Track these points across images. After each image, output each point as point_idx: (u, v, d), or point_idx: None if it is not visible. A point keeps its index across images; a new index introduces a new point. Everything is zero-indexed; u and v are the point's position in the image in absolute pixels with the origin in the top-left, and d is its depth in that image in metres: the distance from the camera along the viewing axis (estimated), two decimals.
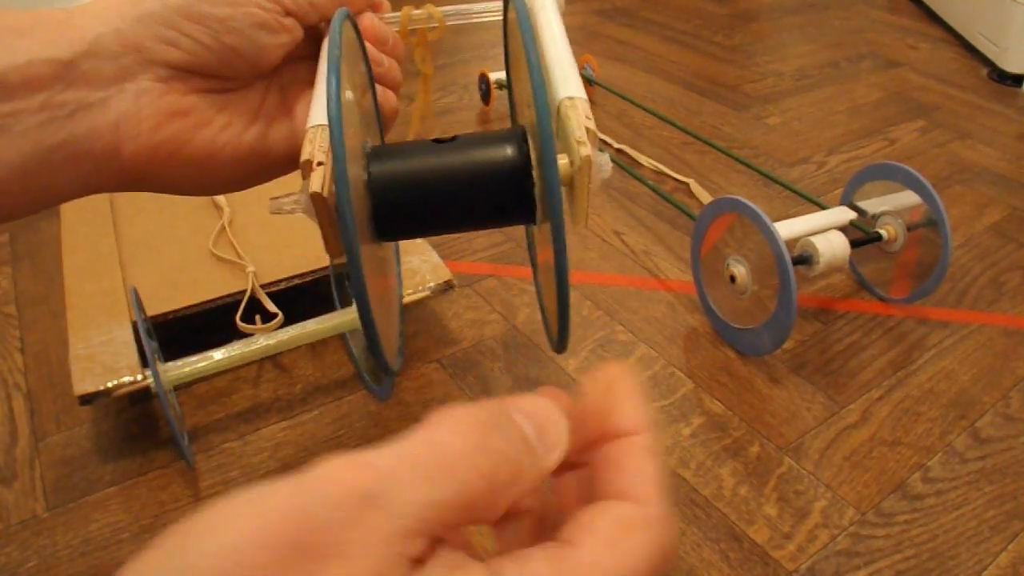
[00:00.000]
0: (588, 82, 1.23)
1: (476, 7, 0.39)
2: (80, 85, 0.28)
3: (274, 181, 0.35)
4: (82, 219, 0.77)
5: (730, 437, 0.62)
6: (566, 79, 0.28)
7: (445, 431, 0.17)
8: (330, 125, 0.23)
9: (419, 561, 0.16)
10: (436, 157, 0.28)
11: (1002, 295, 0.79)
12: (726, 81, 1.33)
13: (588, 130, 0.26)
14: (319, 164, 0.26)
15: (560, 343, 0.29)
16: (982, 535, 0.54)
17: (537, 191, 0.28)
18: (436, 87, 1.25)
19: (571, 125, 0.26)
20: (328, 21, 0.35)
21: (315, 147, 0.27)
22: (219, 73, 0.31)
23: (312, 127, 0.28)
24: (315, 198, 0.26)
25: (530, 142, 0.28)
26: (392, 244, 0.34)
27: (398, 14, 0.39)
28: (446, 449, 0.16)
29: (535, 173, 0.28)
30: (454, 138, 0.29)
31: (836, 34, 1.58)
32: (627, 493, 0.19)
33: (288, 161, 0.34)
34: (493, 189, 0.28)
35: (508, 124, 0.38)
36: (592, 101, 1.23)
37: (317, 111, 0.29)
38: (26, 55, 0.27)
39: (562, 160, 0.26)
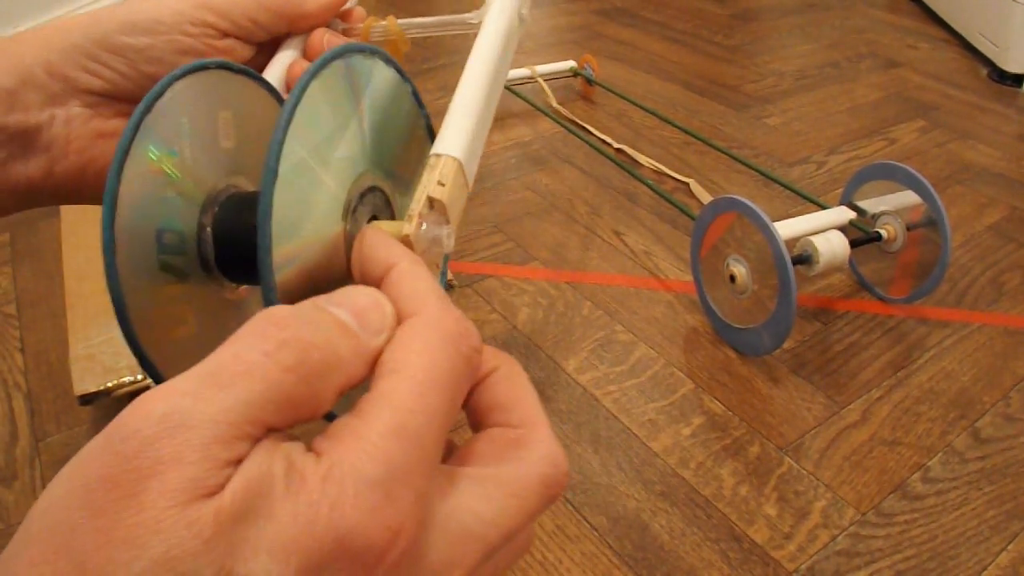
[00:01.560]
0: (588, 82, 1.23)
1: (446, 19, 0.38)
2: (18, 111, 0.30)
3: None
4: (82, 219, 0.77)
5: (730, 437, 0.62)
6: (447, 129, 0.26)
7: (245, 337, 0.17)
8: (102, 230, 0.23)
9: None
10: (240, 214, 0.27)
11: (1002, 295, 0.79)
12: (726, 81, 1.33)
13: (431, 199, 0.23)
14: None
15: None
16: (982, 535, 0.54)
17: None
18: (436, 87, 1.25)
19: (417, 191, 0.24)
20: (285, 36, 0.34)
21: None
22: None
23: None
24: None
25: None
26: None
27: (362, 25, 0.38)
28: (244, 355, 0.17)
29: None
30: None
31: (836, 34, 1.58)
32: (402, 313, 0.20)
33: None
34: (240, 253, 0.27)
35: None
36: (592, 101, 1.23)
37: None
38: None
39: (390, 226, 0.24)
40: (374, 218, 0.27)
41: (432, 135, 0.31)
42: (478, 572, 0.19)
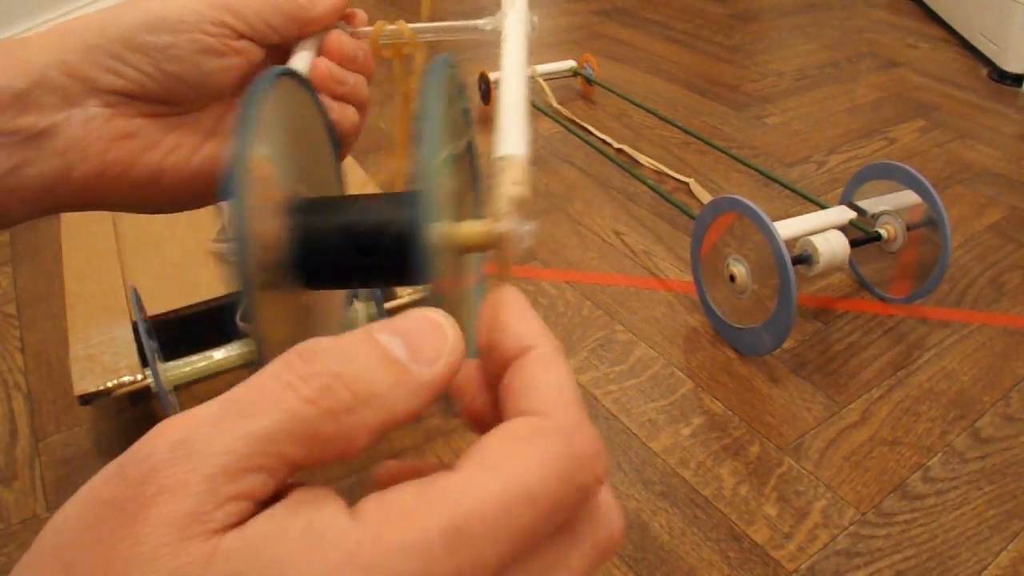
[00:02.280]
0: (588, 82, 1.23)
1: (455, 24, 0.39)
2: (31, 113, 0.29)
3: None
4: (82, 219, 0.77)
5: (730, 437, 0.62)
6: (508, 131, 0.26)
7: (274, 366, 0.16)
8: (236, 210, 0.23)
9: (265, 502, 0.15)
10: (343, 215, 0.27)
11: (1002, 295, 0.79)
12: (726, 81, 1.33)
13: (513, 198, 0.24)
14: None
15: None
16: (982, 535, 0.54)
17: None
18: None
19: (496, 192, 0.25)
20: (296, 40, 0.35)
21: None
22: (164, 99, 0.32)
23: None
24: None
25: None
26: (337, 292, 0.33)
27: (371, 28, 0.38)
28: (267, 383, 0.16)
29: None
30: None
31: (836, 34, 1.58)
32: (526, 410, 0.17)
33: None
34: (386, 251, 0.27)
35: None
36: (592, 101, 1.23)
37: None
38: None
39: (476, 227, 0.25)
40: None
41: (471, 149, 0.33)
42: None
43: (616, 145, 1.07)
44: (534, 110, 1.13)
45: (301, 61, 0.34)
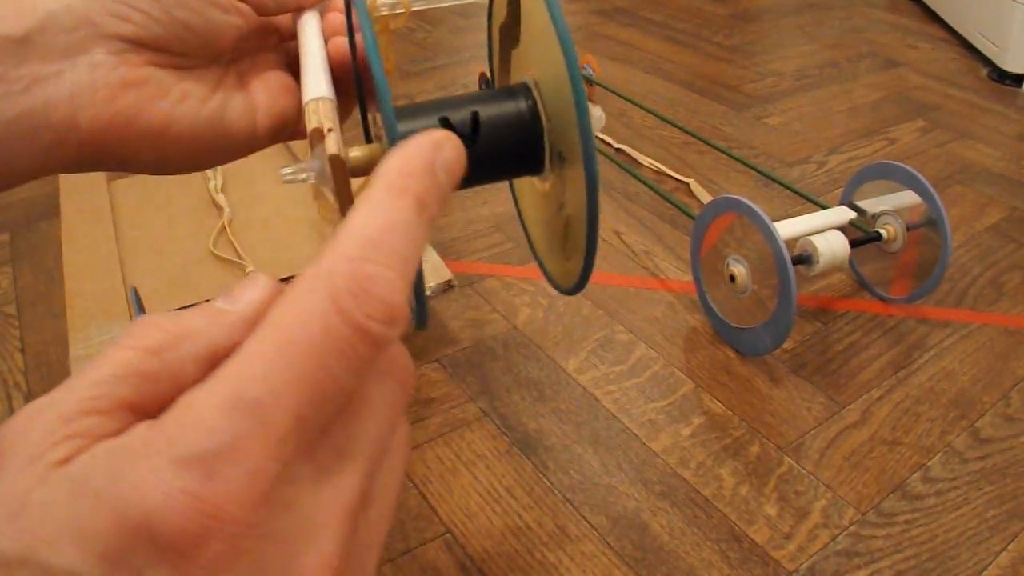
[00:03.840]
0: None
1: None
2: (33, 60, 0.28)
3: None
4: (82, 219, 0.77)
5: (730, 437, 0.62)
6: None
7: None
8: (370, 60, 0.24)
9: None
10: (451, 112, 0.29)
11: (1002, 295, 0.79)
12: (726, 81, 1.33)
13: (586, 80, 0.28)
14: (329, 130, 0.27)
15: (580, 286, 0.30)
16: (982, 535, 0.54)
17: (547, 140, 0.29)
18: (436, 87, 1.25)
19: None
20: (291, 12, 0.36)
21: (321, 116, 0.28)
22: (172, 48, 0.32)
23: (312, 100, 0.29)
24: (333, 160, 0.26)
25: (536, 96, 0.30)
26: None
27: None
28: (105, 350, 0.18)
29: (545, 123, 0.29)
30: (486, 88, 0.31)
31: (836, 34, 1.58)
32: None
33: (246, 139, 0.34)
34: (506, 140, 0.29)
35: (491, 73, 0.38)
36: (592, 101, 1.23)
37: (312, 85, 0.30)
38: None
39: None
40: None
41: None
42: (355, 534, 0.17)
43: (616, 145, 1.07)
44: None
45: (310, 23, 0.35)
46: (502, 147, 0.29)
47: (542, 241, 0.36)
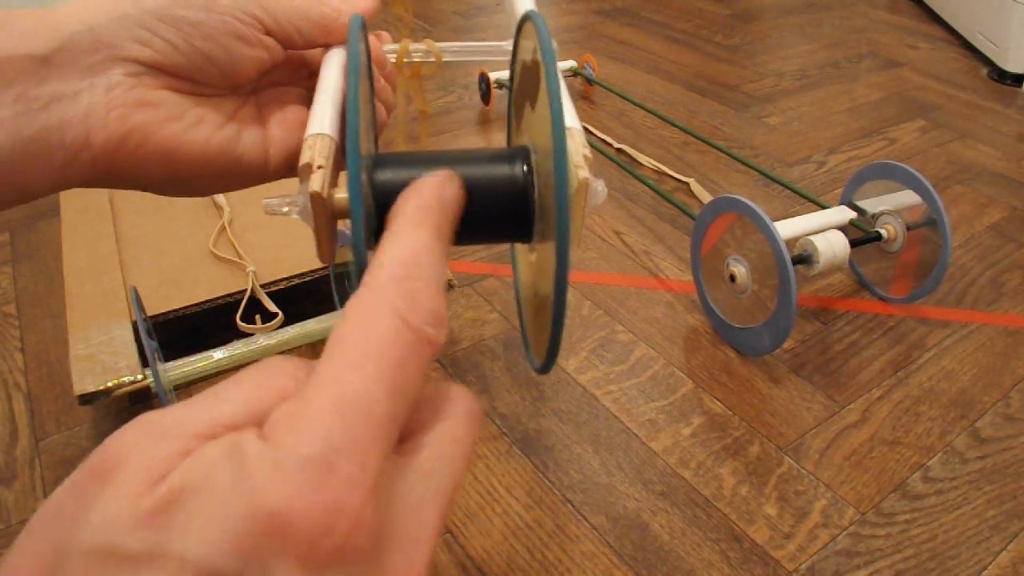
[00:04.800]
0: (588, 82, 1.23)
1: (481, 44, 0.39)
2: (53, 80, 0.29)
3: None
4: (82, 219, 0.77)
5: (730, 437, 0.62)
6: (566, 111, 0.29)
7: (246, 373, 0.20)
8: (347, 115, 0.24)
9: None
10: (439, 169, 0.28)
11: (1002, 295, 0.79)
12: (726, 81, 1.33)
13: (585, 157, 0.27)
14: (319, 167, 0.27)
15: (547, 366, 0.29)
16: (982, 535, 0.54)
17: (537, 211, 0.29)
18: (436, 86, 1.25)
19: (569, 151, 0.27)
20: (320, 47, 0.36)
21: (315, 152, 0.27)
22: (191, 76, 0.32)
23: (312, 135, 0.28)
24: (314, 197, 0.26)
25: (533, 163, 0.29)
26: None
27: (396, 46, 0.39)
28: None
29: (536, 193, 0.29)
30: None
31: (836, 34, 1.58)
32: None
33: (257, 171, 0.34)
34: (495, 205, 0.29)
35: (508, 124, 0.38)
36: (592, 101, 1.23)
37: (318, 119, 0.30)
38: (2, 51, 0.28)
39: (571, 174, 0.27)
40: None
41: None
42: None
43: (616, 145, 1.07)
44: None
45: (335, 59, 0.35)
46: (493, 209, 0.29)
47: (527, 315, 0.36)
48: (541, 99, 0.28)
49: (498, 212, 0.29)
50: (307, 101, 0.36)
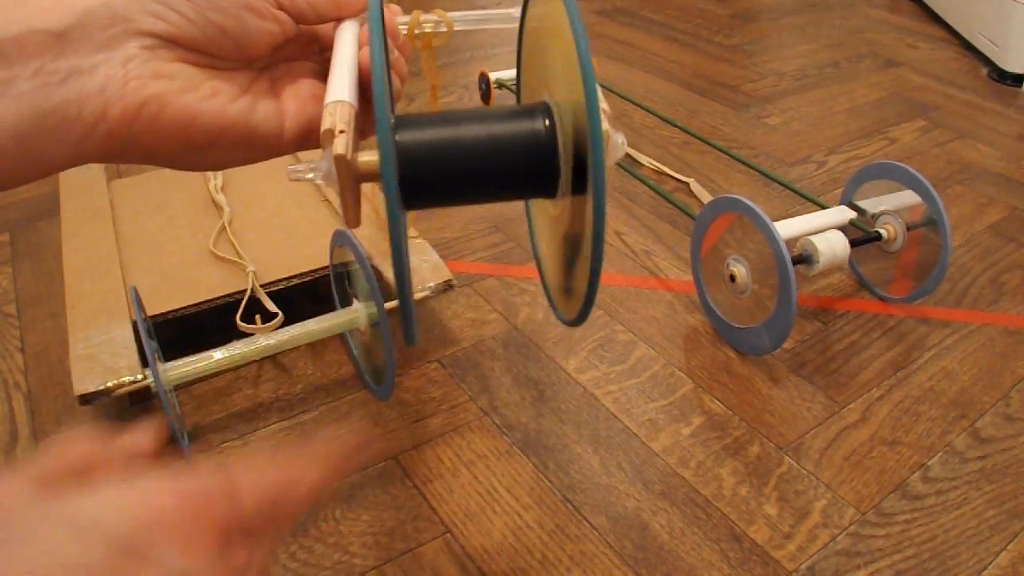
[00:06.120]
0: None
1: (491, 13, 0.39)
2: (70, 54, 0.29)
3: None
4: (82, 219, 0.77)
5: (730, 437, 0.62)
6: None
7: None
8: (373, 72, 0.25)
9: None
10: (463, 127, 0.29)
11: (1002, 295, 0.79)
12: (726, 81, 1.33)
13: (604, 111, 0.27)
14: (341, 132, 0.27)
15: (582, 317, 0.30)
16: (982, 535, 0.54)
17: (562, 164, 0.29)
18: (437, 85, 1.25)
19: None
20: (332, 21, 0.36)
21: (336, 118, 0.28)
22: (205, 49, 0.32)
23: (332, 102, 0.29)
24: (339, 160, 0.27)
25: (556, 117, 0.29)
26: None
27: (407, 17, 0.39)
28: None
29: (560, 147, 0.29)
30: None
31: (836, 34, 1.58)
32: None
33: (272, 142, 0.35)
34: (519, 160, 0.29)
35: (518, 85, 0.38)
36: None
37: (335, 89, 0.30)
38: (20, 26, 0.29)
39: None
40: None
41: None
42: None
43: None
44: None
45: (348, 31, 0.35)
46: (517, 166, 0.29)
47: (551, 270, 0.36)
48: (564, 56, 0.28)
49: (523, 168, 0.29)
50: (319, 76, 0.36)
